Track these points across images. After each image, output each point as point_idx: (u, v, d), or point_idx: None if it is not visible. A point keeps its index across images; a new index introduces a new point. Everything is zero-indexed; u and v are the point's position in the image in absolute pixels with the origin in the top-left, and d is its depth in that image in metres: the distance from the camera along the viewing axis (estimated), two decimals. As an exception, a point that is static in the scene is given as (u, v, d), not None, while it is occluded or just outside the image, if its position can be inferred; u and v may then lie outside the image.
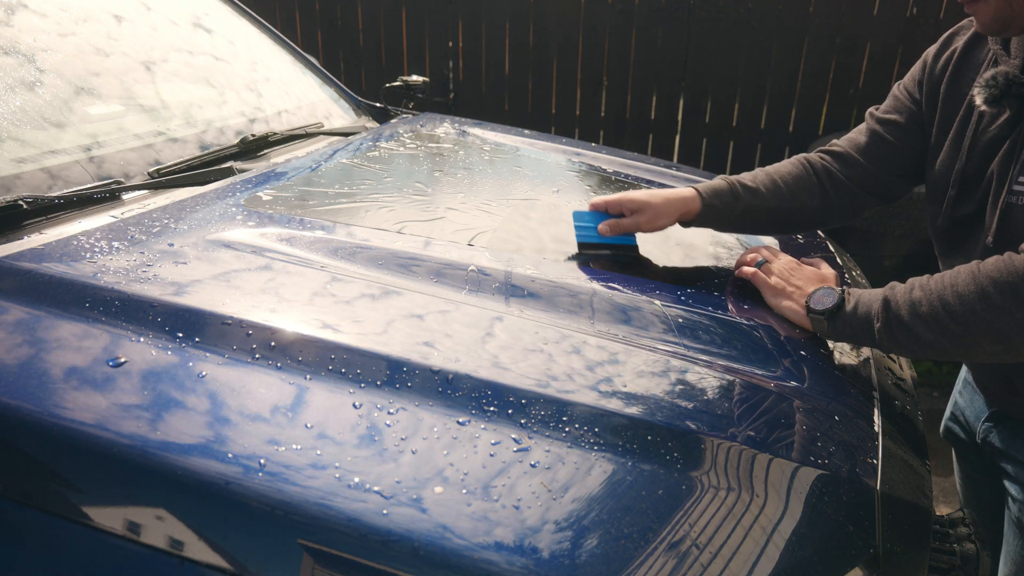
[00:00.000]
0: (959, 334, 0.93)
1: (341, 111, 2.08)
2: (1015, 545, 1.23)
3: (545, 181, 1.70)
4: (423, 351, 0.88)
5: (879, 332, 0.99)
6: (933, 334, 0.95)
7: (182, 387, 0.79)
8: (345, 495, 0.68)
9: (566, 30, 3.97)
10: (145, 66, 1.55)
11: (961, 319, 0.92)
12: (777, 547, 0.74)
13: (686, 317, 1.09)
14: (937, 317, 0.94)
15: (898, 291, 1.00)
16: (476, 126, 2.14)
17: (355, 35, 4.35)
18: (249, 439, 0.73)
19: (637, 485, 0.75)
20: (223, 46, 1.88)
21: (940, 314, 0.93)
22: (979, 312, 0.90)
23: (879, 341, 1.00)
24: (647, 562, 0.68)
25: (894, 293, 1.00)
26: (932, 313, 0.94)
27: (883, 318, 0.99)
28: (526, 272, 1.13)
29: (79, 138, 1.30)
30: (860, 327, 1.02)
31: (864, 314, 1.02)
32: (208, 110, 1.63)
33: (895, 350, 1.01)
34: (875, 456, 0.91)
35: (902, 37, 3.58)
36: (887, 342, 1.00)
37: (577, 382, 0.87)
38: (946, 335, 0.94)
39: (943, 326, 0.94)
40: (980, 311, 0.90)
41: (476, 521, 0.68)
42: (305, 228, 1.19)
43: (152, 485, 0.70)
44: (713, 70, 3.84)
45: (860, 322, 1.02)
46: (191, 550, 0.68)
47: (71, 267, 0.96)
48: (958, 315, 0.92)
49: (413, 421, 0.78)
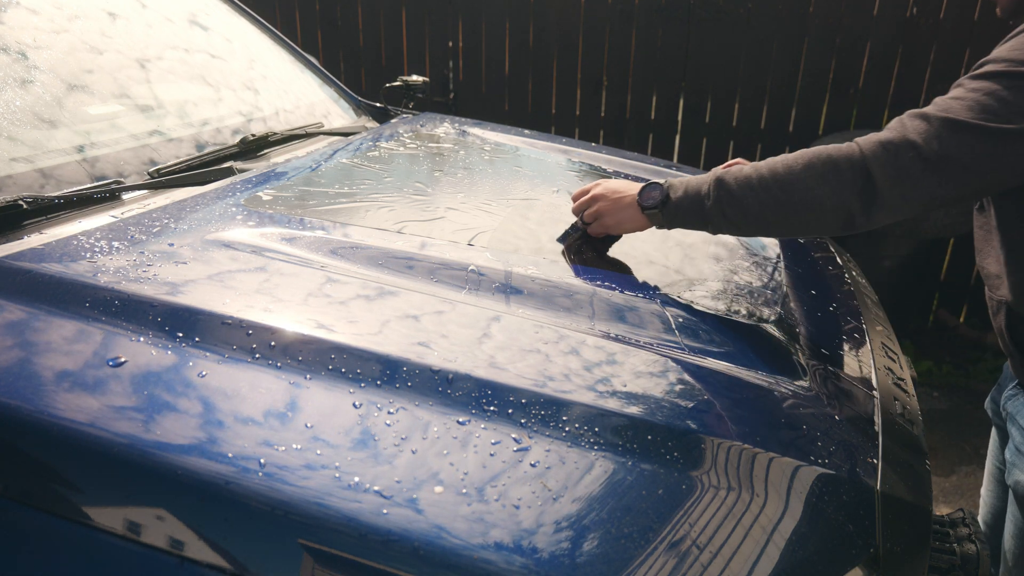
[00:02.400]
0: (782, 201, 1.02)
1: (341, 111, 2.08)
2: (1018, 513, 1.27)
3: (545, 181, 1.69)
4: (423, 351, 0.88)
5: (710, 209, 1.08)
6: (759, 205, 1.03)
7: (182, 387, 0.79)
8: (345, 495, 0.68)
9: (566, 30, 3.97)
10: (145, 66, 1.55)
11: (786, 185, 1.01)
12: (777, 547, 0.74)
13: (686, 317, 1.09)
14: (765, 185, 1.03)
15: (730, 172, 1.08)
16: (476, 126, 2.13)
17: (355, 35, 4.35)
18: (249, 439, 0.73)
19: (637, 485, 0.75)
20: (223, 46, 1.88)
21: (768, 182, 1.02)
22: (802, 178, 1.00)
23: (709, 217, 1.08)
24: (647, 562, 0.68)
25: (726, 173, 1.08)
26: (761, 183, 1.03)
27: (714, 195, 1.07)
28: (526, 272, 1.13)
29: (79, 138, 1.30)
30: (691, 208, 1.11)
31: (694, 195, 1.10)
32: (208, 110, 1.63)
33: (722, 226, 1.09)
34: (875, 456, 0.91)
35: (902, 37, 3.58)
36: (716, 218, 1.08)
37: (577, 382, 0.87)
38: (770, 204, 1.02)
39: (770, 194, 1.02)
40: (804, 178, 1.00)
41: (476, 521, 0.68)
42: (305, 228, 1.19)
43: (152, 485, 0.70)
44: (713, 70, 3.84)
45: (691, 203, 1.10)
46: (191, 550, 0.68)
47: (71, 267, 0.96)
48: (784, 182, 1.01)
49: (413, 421, 0.78)
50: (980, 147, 0.95)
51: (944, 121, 0.97)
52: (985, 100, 0.96)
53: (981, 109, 0.95)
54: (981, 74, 0.99)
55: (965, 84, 1.00)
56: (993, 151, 0.95)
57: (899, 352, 1.31)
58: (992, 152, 0.95)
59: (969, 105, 0.96)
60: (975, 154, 0.95)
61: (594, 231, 1.26)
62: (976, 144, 0.95)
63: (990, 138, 0.94)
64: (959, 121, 0.96)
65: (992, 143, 0.95)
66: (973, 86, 0.98)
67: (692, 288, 1.20)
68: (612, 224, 1.23)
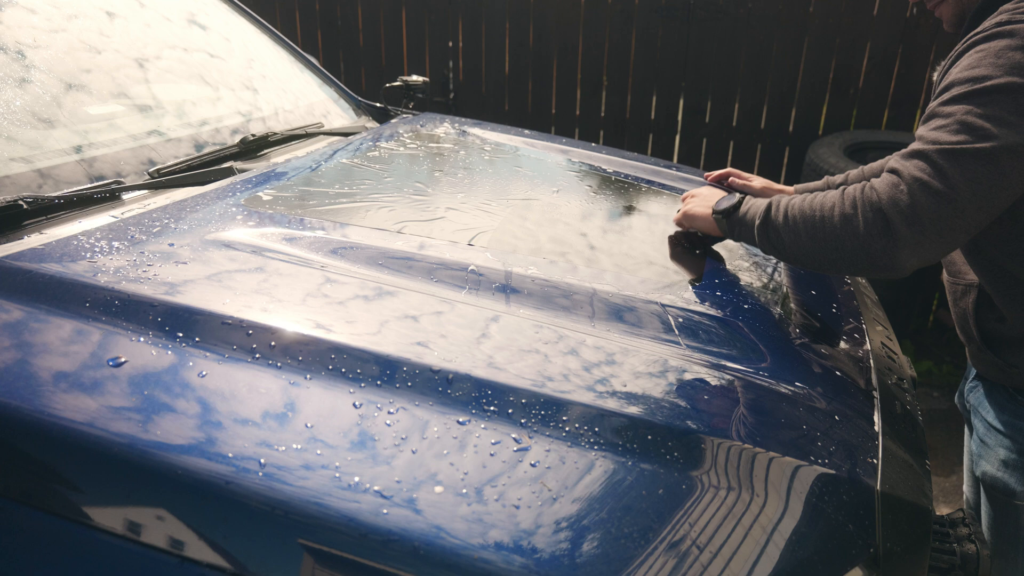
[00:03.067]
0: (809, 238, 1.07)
1: (341, 111, 2.08)
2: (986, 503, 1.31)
3: (545, 181, 1.69)
4: (423, 351, 0.88)
5: (757, 230, 1.15)
6: (792, 236, 1.09)
7: (182, 387, 0.79)
8: (345, 495, 0.68)
9: (566, 30, 3.97)
10: (145, 66, 1.55)
11: (814, 225, 1.06)
12: (777, 547, 0.74)
13: (686, 317, 1.09)
14: (797, 221, 1.09)
15: (784, 199, 1.14)
16: (476, 126, 2.13)
17: (355, 35, 4.35)
18: (249, 439, 0.73)
19: (637, 485, 0.75)
20: (223, 46, 1.88)
21: (799, 219, 1.08)
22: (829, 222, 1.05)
23: (757, 239, 1.16)
24: (647, 562, 0.68)
25: (779, 200, 1.14)
26: (796, 217, 1.09)
27: (762, 218, 1.15)
28: (525, 272, 1.13)
29: (79, 138, 1.30)
30: (747, 227, 1.18)
31: (752, 215, 1.18)
32: (208, 110, 1.63)
33: (765, 248, 1.16)
34: (875, 456, 0.91)
35: (902, 37, 3.58)
36: (761, 240, 1.16)
37: (577, 382, 0.87)
38: (799, 239, 1.08)
39: (800, 230, 1.08)
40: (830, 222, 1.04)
41: (476, 521, 0.68)
42: (305, 228, 1.19)
43: (152, 485, 0.70)
44: (713, 70, 3.84)
45: (748, 222, 1.18)
46: (191, 550, 0.68)
47: (71, 267, 0.96)
48: (812, 222, 1.07)
49: (413, 421, 0.78)
50: (982, 168, 0.97)
51: (941, 152, 0.99)
52: (968, 120, 0.98)
53: (969, 130, 0.98)
54: (951, 98, 1.02)
55: (941, 112, 1.03)
56: (993, 169, 0.97)
57: (899, 352, 1.31)
58: (993, 170, 0.97)
59: (956, 129, 0.99)
60: (980, 176, 0.97)
61: (677, 220, 1.42)
62: (978, 166, 0.97)
63: (984, 159, 0.97)
64: (949, 149, 0.98)
65: (986, 163, 0.97)
66: (949, 111, 1.01)
67: (692, 288, 1.20)
68: (689, 212, 1.36)
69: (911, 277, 3.37)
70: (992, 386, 1.27)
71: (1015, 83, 0.97)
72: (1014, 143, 0.96)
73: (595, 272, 1.19)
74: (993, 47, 1.01)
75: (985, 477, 1.28)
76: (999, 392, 1.25)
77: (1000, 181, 0.97)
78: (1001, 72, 0.98)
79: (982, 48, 1.03)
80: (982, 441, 1.29)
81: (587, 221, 1.46)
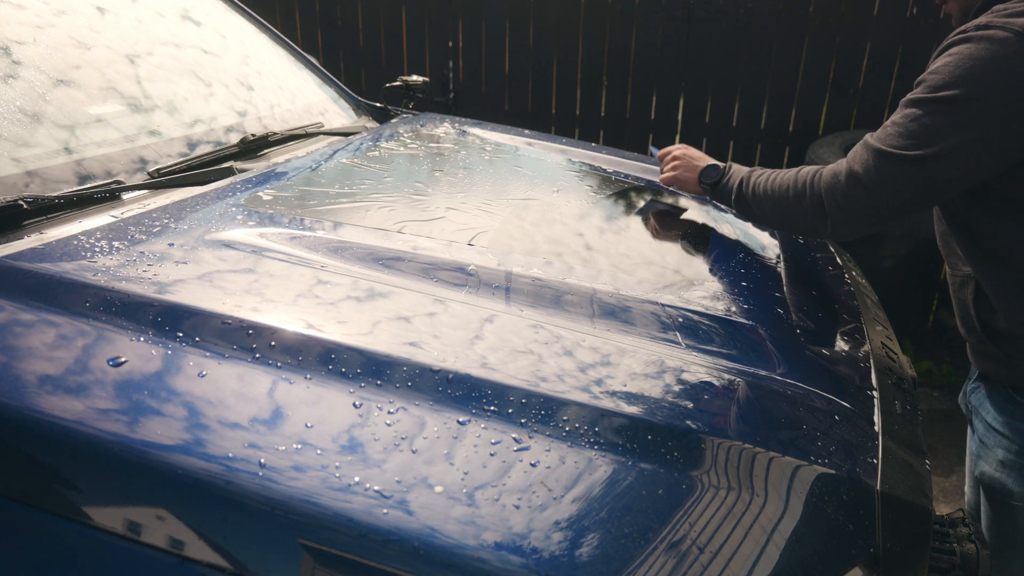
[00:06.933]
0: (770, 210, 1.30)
1: (341, 111, 2.08)
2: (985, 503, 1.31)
3: (545, 181, 1.69)
4: (423, 351, 0.88)
5: (734, 200, 1.39)
6: (759, 208, 1.33)
7: (182, 387, 0.79)
8: (346, 494, 0.68)
9: (566, 30, 3.97)
10: (144, 66, 1.55)
11: (774, 202, 1.29)
12: (777, 547, 0.74)
13: (685, 316, 1.09)
14: (760, 198, 1.32)
15: (755, 172, 1.36)
16: (476, 126, 2.14)
17: (355, 35, 4.35)
18: (250, 438, 0.73)
19: (637, 485, 0.75)
20: (222, 46, 1.88)
21: (762, 196, 1.31)
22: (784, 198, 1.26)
23: (734, 205, 1.40)
24: (647, 562, 0.68)
25: (751, 173, 1.36)
26: (763, 193, 1.31)
27: (737, 191, 1.37)
28: (525, 271, 1.13)
29: (79, 138, 1.30)
30: (727, 195, 1.41)
31: (730, 187, 1.40)
32: (208, 110, 1.63)
33: (741, 213, 1.41)
34: (875, 456, 0.91)
35: (902, 37, 3.58)
36: (736, 208, 1.40)
37: (577, 382, 0.87)
38: (763, 209, 1.32)
39: (763, 205, 1.31)
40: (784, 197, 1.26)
41: (476, 521, 0.68)
42: (305, 228, 1.19)
43: (152, 484, 0.70)
44: (713, 70, 3.84)
45: (728, 191, 1.40)
46: (191, 550, 0.68)
47: (71, 267, 0.96)
48: (774, 196, 1.29)
49: (413, 420, 0.78)
50: (904, 172, 1.09)
51: (875, 151, 1.12)
52: (911, 126, 1.09)
53: (908, 136, 1.09)
54: (912, 99, 1.11)
55: (903, 109, 1.12)
56: (914, 175, 1.08)
57: (899, 352, 1.31)
58: (913, 175, 1.09)
59: (899, 132, 1.10)
60: (902, 179, 1.09)
61: (664, 179, 1.58)
62: (900, 170, 1.09)
63: (912, 165, 1.08)
64: (884, 151, 1.11)
65: (913, 168, 1.08)
66: (905, 112, 1.11)
67: (692, 288, 1.20)
68: (679, 178, 1.53)
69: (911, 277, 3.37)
70: (993, 387, 1.27)
71: (962, 95, 1.04)
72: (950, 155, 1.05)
73: (594, 272, 1.19)
74: (962, 52, 1.06)
75: (984, 477, 1.28)
76: (999, 393, 1.25)
77: (925, 184, 1.09)
78: (956, 82, 1.05)
79: (954, 51, 1.08)
80: (981, 442, 1.29)
81: (587, 221, 1.46)
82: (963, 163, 1.06)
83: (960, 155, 1.05)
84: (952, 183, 1.09)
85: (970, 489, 1.42)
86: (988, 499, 1.30)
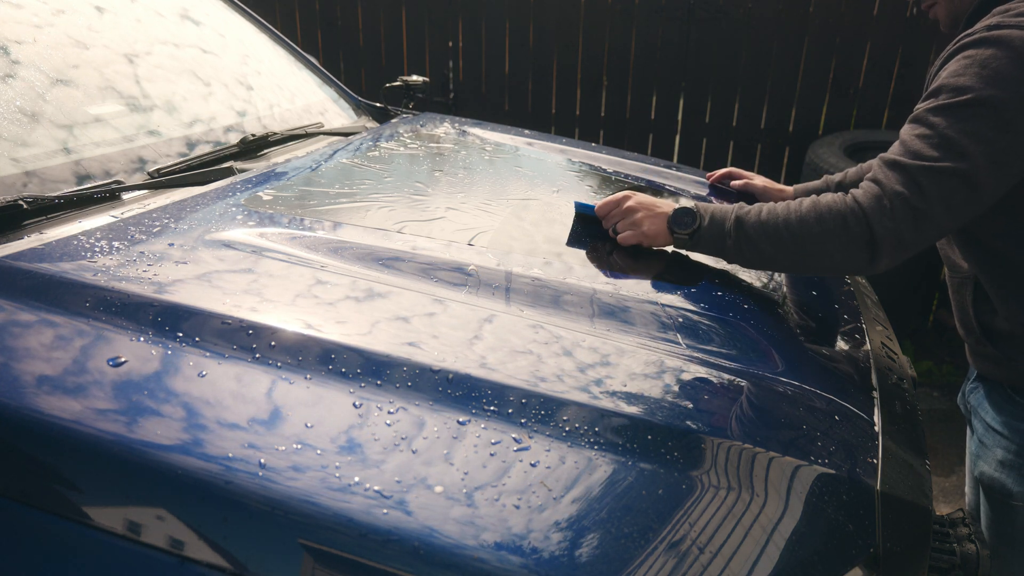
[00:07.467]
0: (795, 252, 1.11)
1: (341, 111, 2.08)
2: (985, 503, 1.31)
3: (545, 181, 1.69)
4: (423, 351, 0.88)
5: (730, 248, 1.17)
6: (773, 248, 1.12)
7: (182, 387, 0.79)
8: (345, 494, 0.68)
9: (566, 30, 3.97)
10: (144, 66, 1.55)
11: (799, 239, 1.10)
12: (777, 547, 0.74)
13: (686, 317, 1.09)
14: (779, 234, 1.11)
15: (750, 213, 1.16)
16: (476, 126, 2.14)
17: (355, 35, 4.36)
18: (249, 438, 0.73)
19: (637, 485, 0.75)
20: (222, 45, 1.88)
21: (783, 233, 1.11)
22: (814, 233, 1.08)
23: (729, 255, 1.18)
24: (647, 562, 0.68)
25: (746, 214, 1.16)
26: (776, 231, 1.11)
27: (734, 236, 1.16)
28: (525, 271, 1.13)
29: (79, 138, 1.30)
30: (713, 243, 1.19)
31: (717, 232, 1.18)
32: (208, 110, 1.63)
33: (740, 262, 1.19)
34: (875, 456, 0.91)
35: (902, 37, 3.58)
36: (733, 256, 1.18)
37: (577, 382, 0.87)
38: (784, 253, 1.12)
39: (783, 245, 1.11)
40: (816, 232, 1.08)
41: (475, 521, 0.68)
42: (305, 228, 1.19)
43: (152, 484, 0.70)
44: (713, 70, 3.84)
45: (713, 238, 1.18)
46: (191, 550, 0.68)
47: (71, 267, 0.96)
48: (797, 235, 1.10)
49: (412, 420, 0.78)
50: (958, 186, 1.01)
51: (921, 169, 1.03)
52: (948, 135, 1.02)
53: (947, 147, 1.01)
54: (936, 107, 1.05)
55: (925, 119, 1.06)
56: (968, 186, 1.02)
57: (899, 352, 1.31)
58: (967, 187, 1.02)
59: (936, 144, 1.03)
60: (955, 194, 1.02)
61: (625, 240, 1.28)
62: (954, 185, 1.01)
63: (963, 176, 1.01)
64: (934, 168, 1.02)
65: (964, 180, 1.01)
66: (932, 121, 1.04)
67: (692, 288, 1.20)
68: (646, 235, 1.26)
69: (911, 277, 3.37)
70: (992, 387, 1.27)
71: (996, 96, 0.99)
72: (989, 160, 1.00)
73: (593, 272, 1.19)
74: (979, 55, 1.03)
75: (983, 478, 1.29)
76: (998, 393, 1.25)
77: (974, 196, 1.02)
78: (984, 84, 1.00)
79: (969, 55, 1.04)
80: (981, 442, 1.29)
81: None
82: (1007, 167, 1.01)
83: (1003, 159, 1.01)
84: (998, 190, 1.04)
85: (970, 489, 1.43)
86: (988, 499, 1.30)
